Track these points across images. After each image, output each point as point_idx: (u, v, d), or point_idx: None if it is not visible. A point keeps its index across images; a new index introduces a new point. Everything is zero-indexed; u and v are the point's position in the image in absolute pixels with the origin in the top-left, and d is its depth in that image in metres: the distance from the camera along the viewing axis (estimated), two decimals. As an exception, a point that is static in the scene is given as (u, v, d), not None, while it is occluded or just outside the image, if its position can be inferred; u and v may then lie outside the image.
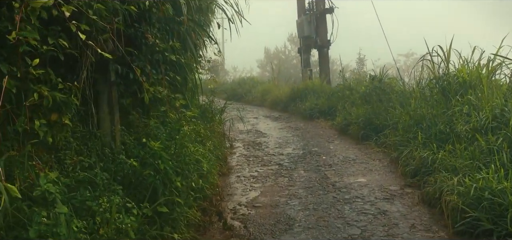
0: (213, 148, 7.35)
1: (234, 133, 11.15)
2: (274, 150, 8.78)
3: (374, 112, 9.25)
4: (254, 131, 11.54)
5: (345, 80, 13.62)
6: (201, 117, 8.17)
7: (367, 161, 7.45)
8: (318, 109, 12.89)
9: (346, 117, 10.28)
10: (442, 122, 6.48)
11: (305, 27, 17.14)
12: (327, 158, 7.82)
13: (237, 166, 7.65)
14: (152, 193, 4.09)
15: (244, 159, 8.14)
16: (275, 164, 7.62)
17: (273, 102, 16.75)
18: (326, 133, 10.59)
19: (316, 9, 17.01)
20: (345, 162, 7.49)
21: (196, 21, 7.62)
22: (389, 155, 7.36)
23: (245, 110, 16.16)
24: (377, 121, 8.88)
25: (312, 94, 14.15)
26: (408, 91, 9.41)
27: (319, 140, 9.64)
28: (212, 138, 7.75)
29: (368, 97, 10.56)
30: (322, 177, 6.55)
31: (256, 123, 12.99)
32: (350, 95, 11.70)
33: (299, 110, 13.91)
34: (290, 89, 15.76)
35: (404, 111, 7.89)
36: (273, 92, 17.44)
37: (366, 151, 8.18)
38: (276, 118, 13.95)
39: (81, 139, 4.69)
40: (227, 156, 8.38)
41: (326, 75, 16.67)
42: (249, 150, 8.96)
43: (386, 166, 7.01)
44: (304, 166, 7.31)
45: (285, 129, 11.57)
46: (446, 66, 8.17)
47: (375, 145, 8.33)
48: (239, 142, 10.01)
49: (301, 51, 18.29)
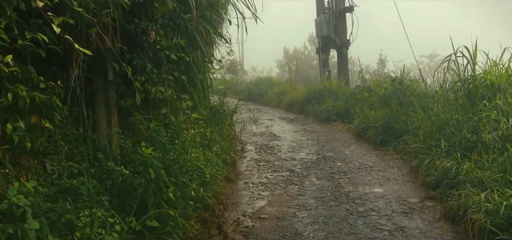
0: (221, 152, 6.97)
1: (247, 135, 10.78)
2: (286, 155, 8.35)
3: (394, 116, 8.73)
4: (268, 133, 11.12)
5: (364, 82, 13.08)
6: (210, 119, 7.82)
7: (384, 168, 6.95)
8: (335, 112, 12.40)
9: (364, 120, 9.77)
10: (468, 129, 5.95)
11: (323, 26, 16.65)
12: (342, 165, 7.35)
13: (246, 171, 7.25)
14: (143, 205, 3.71)
15: (255, 164, 7.73)
16: (287, 170, 7.19)
17: (290, 104, 16.30)
18: (343, 137, 10.11)
19: (336, 7, 16.49)
20: (361, 169, 7.01)
21: (206, 18, 7.27)
22: (409, 163, 6.85)
23: (261, 111, 15.80)
24: (396, 126, 8.36)
25: (329, 96, 13.66)
26: (430, 94, 8.85)
27: (335, 145, 9.16)
28: (221, 142, 7.37)
29: (388, 99, 10.03)
30: (336, 186, 6.09)
31: (270, 125, 12.57)
32: (368, 98, 11.18)
33: (316, 112, 13.43)
34: (307, 90, 15.27)
35: (426, 115, 7.35)
36: (290, 93, 16.99)
37: (384, 158, 7.68)
38: (291, 120, 13.50)
39: (73, 142, 4.36)
40: (237, 160, 7.99)
41: (344, 76, 16.14)
42: (261, 154, 8.55)
43: (405, 175, 6.50)
44: (317, 173, 6.85)
45: (300, 132, 11.12)
46: (472, 68, 7.63)
47: (394, 151, 7.82)
48: (251, 145, 9.61)
49: (320, 51, 17.79)
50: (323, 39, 17.21)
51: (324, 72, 17.32)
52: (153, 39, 5.21)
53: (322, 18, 16.69)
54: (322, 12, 16.99)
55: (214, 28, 7.32)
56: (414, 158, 6.72)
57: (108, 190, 3.86)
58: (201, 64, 8.00)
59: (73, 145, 4.32)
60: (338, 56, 16.95)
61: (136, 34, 5.11)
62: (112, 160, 4.68)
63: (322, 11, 17.03)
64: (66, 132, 4.27)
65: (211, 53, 9.47)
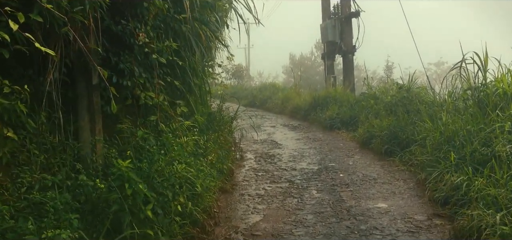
0: (216, 161, 6.61)
1: (247, 142, 10.42)
2: (287, 164, 7.96)
3: (400, 125, 8.33)
4: (270, 141, 10.75)
5: (369, 89, 12.69)
6: (207, 126, 7.47)
7: (390, 181, 6.55)
8: (339, 119, 12.01)
9: (369, 129, 9.37)
10: (479, 141, 5.54)
11: (329, 31, 16.27)
12: (345, 176, 6.96)
13: (243, 182, 6.87)
14: (117, 224, 3.35)
15: (253, 174, 7.36)
16: (286, 181, 6.81)
17: (293, 110, 15.93)
18: (347, 145, 9.71)
19: (341, 13, 16.13)
20: (364, 181, 6.61)
21: (203, 21, 6.93)
22: (416, 176, 6.45)
23: (264, 118, 15.46)
24: (402, 135, 7.95)
25: (334, 103, 13.28)
26: (438, 102, 8.44)
27: (338, 154, 8.77)
28: (217, 150, 7.01)
29: (394, 107, 9.63)
30: (337, 200, 5.70)
31: (272, 132, 12.20)
32: (374, 105, 10.78)
33: (320, 119, 13.04)
34: (311, 97, 14.89)
35: (434, 125, 6.94)
36: (294, 100, 16.62)
37: (389, 169, 7.27)
38: (294, 127, 13.12)
39: (51, 151, 4.03)
40: (235, 169, 7.62)
41: (350, 82, 15.74)
42: (260, 163, 8.17)
43: (411, 188, 6.10)
44: (318, 185, 6.47)
45: (303, 140, 10.73)
46: (483, 75, 7.21)
47: (400, 162, 7.42)
48: (251, 153, 9.24)
49: (325, 57, 17.40)
50: (328, 44, 16.84)
51: (330, 78, 16.93)
52: (142, 41, 4.87)
53: (328, 23, 16.32)
54: (327, 17, 16.64)
55: (212, 32, 6.98)
56: (421, 170, 6.33)
57: (82, 205, 3.52)
58: (198, 68, 7.68)
59: (50, 154, 4.00)
60: (343, 62, 16.56)
61: (123, 36, 4.77)
62: (94, 171, 4.36)
63: (328, 16, 16.68)
64: (43, 140, 3.95)
65: (211, 57, 9.15)
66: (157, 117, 5.21)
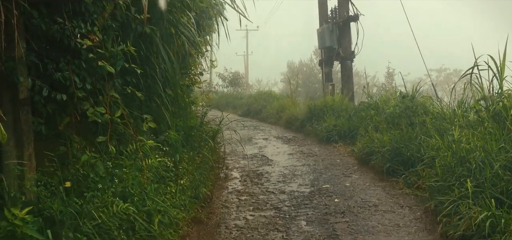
0: (190, 185, 5.67)
1: (235, 158, 9.48)
2: (275, 186, 6.99)
3: (403, 140, 7.36)
4: (260, 156, 9.78)
5: (369, 97, 11.74)
6: (183, 143, 6.53)
7: (393, 208, 5.58)
8: (337, 131, 11.04)
9: (369, 143, 8.40)
10: (501, 164, 4.58)
11: (326, 37, 15.34)
12: (341, 201, 5.99)
13: (222, 208, 5.91)
14: None
15: (235, 198, 6.39)
16: (272, 207, 5.84)
17: (289, 121, 14.96)
18: (344, 162, 8.73)
19: (339, 16, 15.20)
20: (363, 208, 5.65)
21: (179, 23, 6.01)
22: (423, 203, 5.49)
23: (257, 129, 14.54)
24: (406, 152, 6.98)
25: (331, 113, 12.31)
26: (447, 114, 7.47)
27: (334, 173, 7.79)
28: (194, 171, 6.07)
29: (397, 119, 8.68)
30: (329, 235, 4.74)
31: (264, 145, 11.23)
32: (375, 116, 9.83)
33: (316, 131, 12.07)
34: (307, 106, 13.92)
35: (443, 142, 5.97)
36: (289, 109, 15.65)
37: (392, 193, 6.30)
38: (288, 140, 12.15)
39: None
40: (216, 191, 6.67)
41: (349, 90, 14.78)
42: (245, 184, 7.20)
43: (419, 219, 5.13)
44: (308, 214, 5.50)
45: (296, 155, 9.76)
46: (499, 83, 6.28)
47: (405, 184, 6.46)
48: (237, 171, 8.28)
49: (323, 63, 16.47)
50: (326, 51, 15.92)
51: (328, 86, 15.99)
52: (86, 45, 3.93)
53: (325, 28, 15.39)
54: (324, 22, 15.70)
55: (182, 33, 6.04)
56: (430, 196, 5.36)
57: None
58: (174, 77, 6.76)
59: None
60: (341, 69, 15.61)
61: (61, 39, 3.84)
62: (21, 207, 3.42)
63: (325, 20, 15.74)
64: None
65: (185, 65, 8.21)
66: (106, 137, 4.25)
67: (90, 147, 4.38)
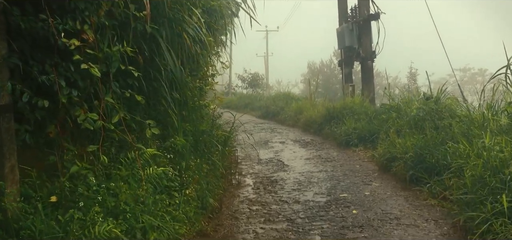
0: (196, 195, 5.29)
1: (250, 163, 9.10)
2: (289, 194, 6.57)
3: (428, 145, 6.83)
4: (275, 161, 9.36)
5: (391, 99, 11.17)
6: (193, 149, 6.17)
7: (416, 222, 5.09)
8: (356, 135, 10.53)
9: (390, 148, 7.88)
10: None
11: (346, 36, 14.82)
12: (359, 213, 5.52)
13: (231, 220, 5.52)
14: None
15: (246, 208, 5.99)
16: (284, 219, 5.42)
17: (307, 123, 14.48)
18: (364, 168, 8.24)
19: (359, 15, 14.65)
20: (384, 221, 5.18)
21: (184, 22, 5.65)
22: (451, 216, 4.99)
23: (274, 132, 14.12)
24: (431, 159, 6.46)
25: (350, 116, 11.78)
26: (476, 117, 6.91)
27: (353, 180, 7.31)
28: (201, 180, 5.70)
29: (420, 122, 8.14)
30: (346, 253, 4.29)
31: (280, 149, 10.79)
32: (396, 119, 9.30)
33: (335, 134, 11.57)
34: (326, 109, 13.42)
35: (473, 149, 5.45)
36: (307, 111, 15.15)
37: (416, 203, 5.81)
38: (306, 143, 11.68)
39: None
40: (226, 200, 6.29)
41: (369, 92, 14.22)
42: (258, 193, 6.79)
43: (446, 235, 4.64)
44: (323, 227, 5.06)
45: (313, 160, 9.30)
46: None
47: (429, 194, 5.95)
48: (250, 178, 7.88)
49: (342, 64, 15.95)
50: (346, 50, 15.40)
51: (347, 87, 15.46)
52: (74, 45, 3.58)
53: (345, 27, 14.88)
54: (344, 21, 15.19)
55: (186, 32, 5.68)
56: (459, 209, 4.85)
57: None
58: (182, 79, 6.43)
59: None
60: (362, 69, 15.06)
61: (46, 38, 3.51)
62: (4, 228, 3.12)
63: (345, 19, 15.23)
64: None
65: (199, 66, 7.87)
66: (97, 146, 3.90)
67: (86, 156, 4.06)
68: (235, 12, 10.31)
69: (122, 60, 4.17)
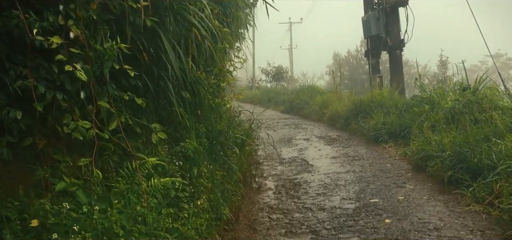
0: (208, 206, 4.78)
1: (272, 162, 8.55)
2: (314, 200, 5.98)
3: (468, 142, 6.13)
4: (299, 160, 8.76)
5: (422, 90, 10.41)
6: (207, 152, 5.68)
7: (460, 233, 4.43)
8: (386, 130, 9.81)
9: (424, 145, 7.18)
10: None
11: (372, 25, 14.06)
12: (393, 222, 4.89)
13: (248, 232, 4.99)
14: None
15: (266, 217, 5.44)
16: (308, 230, 4.85)
17: (332, 118, 13.80)
18: (395, 167, 7.56)
19: (386, 2, 13.85)
20: (422, 232, 4.54)
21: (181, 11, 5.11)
22: (502, 226, 4.31)
23: (298, 128, 13.52)
24: (473, 158, 5.75)
25: (379, 109, 11.05)
26: (523, 110, 6.16)
27: (384, 182, 6.66)
28: (215, 187, 5.18)
29: (458, 116, 7.41)
30: (379, 276, 3.69)
31: (304, 147, 10.18)
32: (430, 112, 8.56)
33: (362, 129, 10.87)
34: (352, 102, 12.69)
35: (523, 147, 4.75)
36: (333, 105, 14.45)
37: (457, 210, 5.13)
38: (332, 140, 11.02)
39: None
40: (243, 208, 5.77)
41: (398, 83, 13.43)
42: (280, 198, 6.23)
43: (497, 251, 3.98)
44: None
45: (340, 158, 8.66)
46: None
47: (473, 199, 5.26)
48: (272, 180, 7.32)
49: (369, 54, 15.17)
50: (372, 40, 14.63)
51: (375, 79, 14.69)
52: (55, 43, 3.09)
53: (370, 15, 14.10)
54: (370, 9, 14.41)
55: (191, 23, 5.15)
56: (510, 219, 4.17)
57: None
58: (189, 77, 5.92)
59: None
60: (390, 59, 14.28)
61: (20, 37, 3.02)
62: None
63: (370, 7, 14.45)
64: None
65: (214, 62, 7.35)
66: (90, 159, 3.40)
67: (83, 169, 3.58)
68: (254, 2, 9.75)
69: (121, 59, 3.66)
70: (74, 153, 3.55)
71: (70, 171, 3.36)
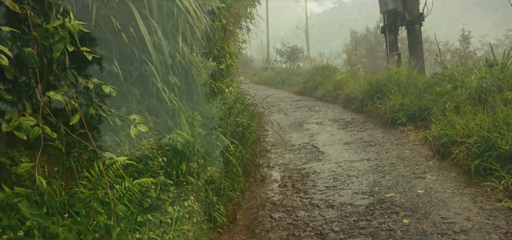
0: (198, 206, 4.18)
1: (280, 150, 7.94)
2: (322, 195, 5.34)
3: (497, 126, 5.39)
4: (310, 147, 8.10)
5: (444, 68, 9.59)
6: (202, 147, 5.09)
7: (492, 238, 3.75)
8: (404, 112, 9.05)
9: (447, 130, 6.43)
10: None
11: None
12: (412, 223, 4.22)
13: (244, 236, 4.38)
14: None
15: (266, 216, 4.83)
16: (313, 234, 4.22)
17: (347, 99, 13.03)
18: (415, 154, 6.83)
19: (403, -27, 12.93)
20: (446, 235, 3.87)
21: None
22: (543, 230, 3.61)
23: (311, 110, 12.83)
24: (504, 145, 5.01)
25: (397, 89, 10.27)
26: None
27: (402, 171, 5.97)
28: (207, 186, 4.58)
29: (485, 95, 6.64)
30: None
31: (316, 132, 9.49)
32: (453, 92, 7.78)
33: (379, 111, 10.11)
34: (367, 82, 11.89)
35: None
36: (348, 86, 13.67)
37: (487, 207, 4.43)
38: (346, 123, 10.29)
39: None
40: (244, 205, 5.17)
41: (418, 60, 12.58)
42: (284, 192, 5.60)
43: (540, 263, 3.29)
44: (364, 248, 3.82)
45: (354, 144, 7.96)
46: None
47: (505, 193, 4.55)
48: (278, 170, 6.69)
49: (386, 30, 14.29)
50: (389, 15, 13.75)
51: (392, 56, 13.87)
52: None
53: (387, -12, 13.21)
54: (386, -19, 13.50)
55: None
56: (554, 222, 3.47)
57: None
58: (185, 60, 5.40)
59: None
60: (408, 35, 13.40)
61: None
62: None
63: (387, -21, 13.54)
64: None
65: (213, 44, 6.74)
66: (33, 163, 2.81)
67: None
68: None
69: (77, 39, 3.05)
70: (24, 155, 2.99)
71: (13, 178, 2.78)
